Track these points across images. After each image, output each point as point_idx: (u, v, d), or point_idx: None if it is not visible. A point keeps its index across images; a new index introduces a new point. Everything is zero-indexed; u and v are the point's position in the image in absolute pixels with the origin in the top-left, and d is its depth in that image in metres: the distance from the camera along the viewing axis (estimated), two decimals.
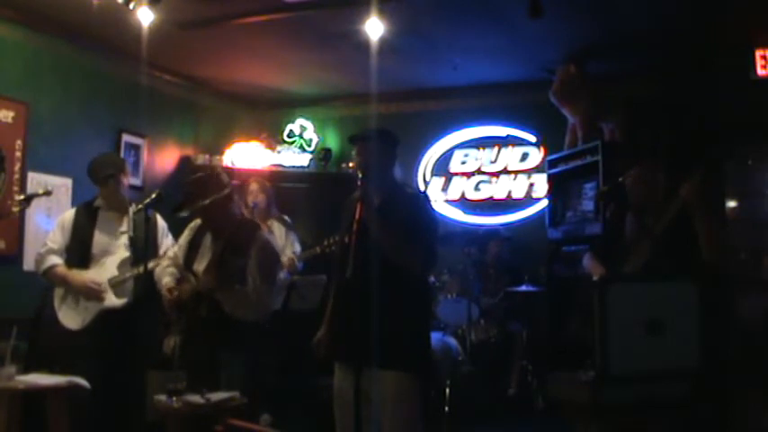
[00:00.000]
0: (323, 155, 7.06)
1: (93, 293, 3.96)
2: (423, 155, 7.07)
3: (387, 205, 3.04)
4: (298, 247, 5.34)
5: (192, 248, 3.63)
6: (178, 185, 3.65)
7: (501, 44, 5.62)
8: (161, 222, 4.24)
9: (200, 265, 3.56)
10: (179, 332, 3.60)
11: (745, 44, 5.42)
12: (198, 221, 3.69)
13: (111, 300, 3.99)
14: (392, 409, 2.95)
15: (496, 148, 6.89)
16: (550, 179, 6.18)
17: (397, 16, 4.84)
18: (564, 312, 5.32)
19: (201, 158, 6.66)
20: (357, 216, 2.89)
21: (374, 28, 4.76)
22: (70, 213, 4.18)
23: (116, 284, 4.00)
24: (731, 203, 5.86)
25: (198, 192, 3.45)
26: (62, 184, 5.22)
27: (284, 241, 5.29)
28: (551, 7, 4.52)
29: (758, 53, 5.40)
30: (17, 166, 4.96)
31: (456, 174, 7.00)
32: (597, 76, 5.97)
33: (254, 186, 5.26)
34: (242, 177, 5.70)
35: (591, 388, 2.81)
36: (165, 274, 3.73)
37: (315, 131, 7.16)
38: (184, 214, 3.56)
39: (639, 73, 6.03)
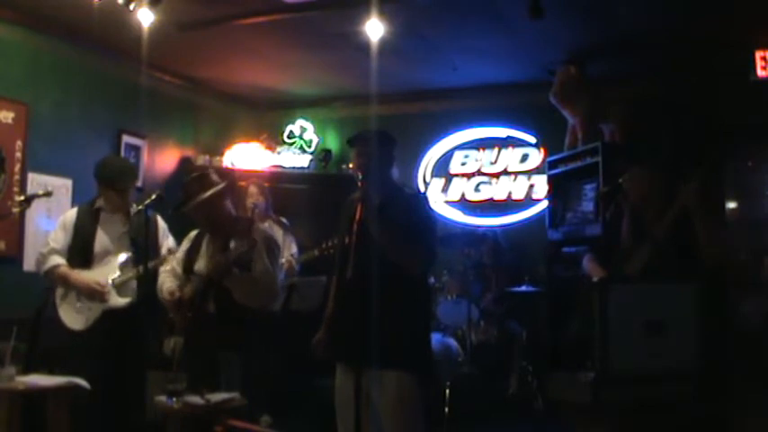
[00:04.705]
0: (323, 156, 7.07)
1: (96, 294, 3.95)
2: (423, 156, 7.07)
3: (386, 206, 3.03)
4: (295, 249, 5.33)
5: (191, 253, 3.65)
6: (179, 186, 3.70)
7: (501, 45, 5.62)
8: (161, 223, 4.24)
9: (200, 266, 3.57)
10: (181, 333, 3.61)
11: (745, 45, 5.42)
12: (194, 231, 3.72)
13: (115, 300, 3.99)
14: (393, 410, 2.95)
15: (496, 149, 6.88)
16: (550, 180, 6.18)
17: (398, 17, 4.84)
18: (564, 313, 5.32)
19: (201, 159, 6.66)
20: (357, 217, 2.90)
21: (374, 29, 4.76)
22: (72, 213, 4.17)
23: (119, 285, 4.01)
24: (731, 204, 5.86)
25: (196, 189, 3.51)
26: (62, 185, 5.22)
27: (282, 243, 5.29)
28: (551, 8, 4.52)
29: (758, 54, 5.39)
30: (17, 167, 4.96)
31: (456, 175, 7.00)
32: (597, 77, 5.97)
33: (253, 189, 5.26)
34: (242, 178, 5.70)
35: (591, 388, 2.81)
36: (167, 281, 3.73)
37: (315, 132, 7.16)
38: (185, 210, 3.60)
39: (639, 73, 6.03)
